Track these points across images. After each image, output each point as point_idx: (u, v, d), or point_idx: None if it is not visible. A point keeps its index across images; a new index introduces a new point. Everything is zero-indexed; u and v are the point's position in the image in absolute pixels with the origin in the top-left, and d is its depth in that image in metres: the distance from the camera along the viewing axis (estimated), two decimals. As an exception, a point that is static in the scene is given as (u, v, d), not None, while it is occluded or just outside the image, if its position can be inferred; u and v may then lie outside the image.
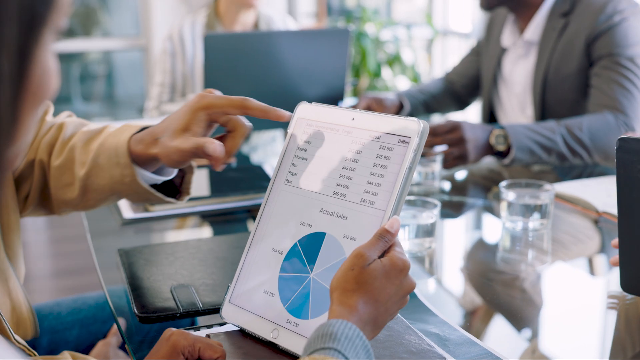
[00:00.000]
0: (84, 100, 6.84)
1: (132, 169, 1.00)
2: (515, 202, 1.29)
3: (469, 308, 1.07)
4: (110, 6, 6.65)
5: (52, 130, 1.10)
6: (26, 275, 1.09)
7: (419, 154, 0.83)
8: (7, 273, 1.01)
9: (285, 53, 1.98)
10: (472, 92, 2.31)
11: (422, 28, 4.99)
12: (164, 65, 2.65)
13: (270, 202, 0.92)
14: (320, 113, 0.92)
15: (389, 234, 0.79)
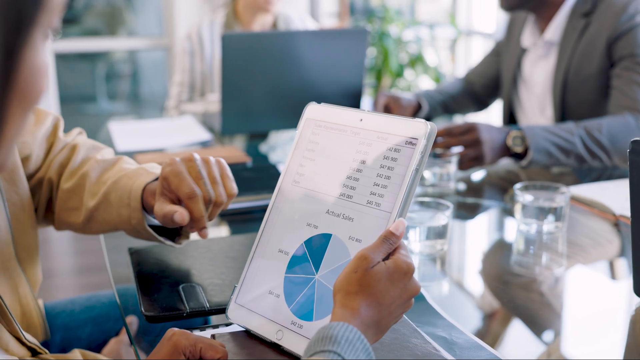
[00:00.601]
0: (109, 98, 6.90)
1: (141, 214, 1.05)
2: (529, 205, 1.27)
3: (481, 311, 1.06)
4: (135, 6, 6.70)
5: (65, 151, 1.14)
6: (49, 272, 1.11)
7: (426, 155, 0.82)
8: (17, 280, 1.03)
9: (303, 53, 1.98)
10: (492, 92, 2.29)
11: (445, 28, 4.96)
12: (183, 65, 2.67)
13: (278, 203, 0.91)
14: (328, 114, 0.92)
15: (393, 236, 0.78)
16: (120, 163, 1.13)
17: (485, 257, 1.28)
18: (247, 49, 1.93)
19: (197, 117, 2.37)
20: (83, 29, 6.70)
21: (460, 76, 2.36)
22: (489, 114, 2.96)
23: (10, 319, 0.92)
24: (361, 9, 5.60)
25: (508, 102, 2.16)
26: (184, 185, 0.99)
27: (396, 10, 4.89)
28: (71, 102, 6.62)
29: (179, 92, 2.68)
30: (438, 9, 5.61)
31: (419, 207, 1.24)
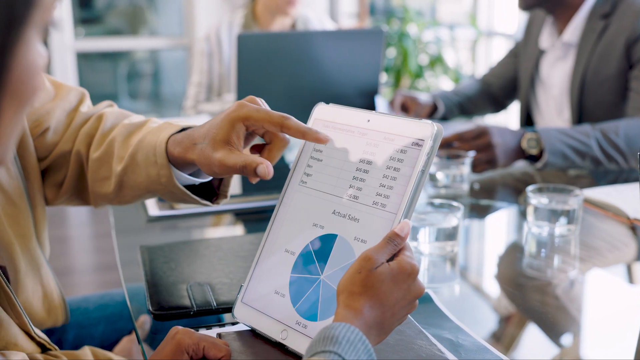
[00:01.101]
0: (130, 98, 6.95)
1: (169, 170, 0.96)
2: (541, 207, 1.27)
3: (491, 314, 1.05)
4: (157, 6, 6.75)
5: (91, 121, 1.08)
6: (68, 269, 1.12)
7: (433, 156, 0.82)
8: (38, 261, 1.03)
9: (319, 53, 1.98)
10: (509, 94, 2.27)
11: (465, 29, 4.94)
12: (201, 66, 2.68)
13: (285, 203, 0.91)
14: (337, 114, 0.92)
15: (398, 237, 0.78)
16: (147, 123, 1.05)
17: (496, 259, 1.27)
18: (262, 49, 1.93)
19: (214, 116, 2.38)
20: (105, 29, 6.75)
21: (478, 77, 2.35)
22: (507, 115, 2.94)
23: (19, 312, 0.93)
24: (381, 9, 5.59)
25: (525, 104, 2.15)
26: (273, 113, 0.90)
27: (416, 11, 4.87)
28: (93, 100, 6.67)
29: (197, 92, 2.70)
30: (459, 10, 5.58)
31: (429, 209, 1.23)
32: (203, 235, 1.38)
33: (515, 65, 2.24)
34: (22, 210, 0.98)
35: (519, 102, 2.21)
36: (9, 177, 0.96)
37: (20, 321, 0.94)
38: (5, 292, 0.91)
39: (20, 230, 0.98)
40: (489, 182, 1.69)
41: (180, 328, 0.81)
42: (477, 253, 1.29)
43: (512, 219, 1.47)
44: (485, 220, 1.45)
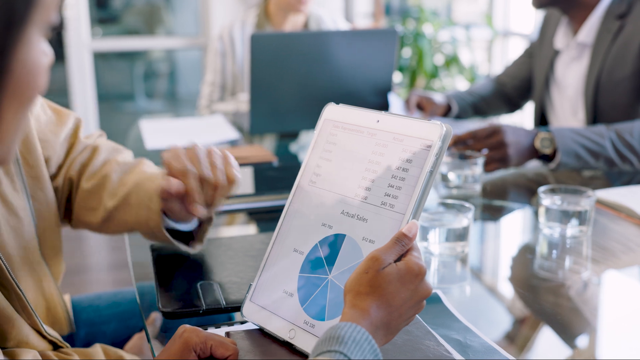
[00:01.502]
0: (147, 97, 6.99)
1: (159, 216, 1.06)
2: (552, 208, 1.26)
3: (500, 315, 1.05)
4: (174, 5, 6.77)
5: (86, 152, 1.16)
6: (84, 267, 1.13)
7: (441, 157, 0.82)
8: (40, 273, 1.05)
9: (332, 53, 1.98)
10: (524, 94, 2.26)
11: (481, 29, 4.92)
12: (215, 65, 2.69)
13: (294, 202, 0.92)
14: (346, 114, 0.92)
15: (406, 237, 0.78)
16: (141, 166, 1.15)
17: (508, 260, 1.27)
18: (275, 48, 1.94)
19: (227, 116, 2.39)
20: (123, 28, 6.79)
21: (492, 77, 2.34)
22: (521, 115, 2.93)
23: (30, 312, 0.94)
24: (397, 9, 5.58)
25: (540, 104, 2.14)
26: (177, 162, 1.02)
27: (432, 11, 4.86)
28: (110, 100, 6.72)
29: (211, 91, 2.71)
30: (475, 10, 5.56)
31: (440, 209, 1.23)
32: (214, 235, 1.39)
33: (529, 65, 2.23)
34: (24, 224, 1.00)
35: (533, 102, 2.20)
36: (13, 189, 0.98)
37: (31, 321, 0.96)
38: (17, 293, 0.92)
39: (21, 242, 0.99)
40: (501, 183, 1.68)
41: (188, 326, 0.81)
42: (489, 254, 1.29)
43: (524, 220, 1.47)
44: (497, 221, 1.44)
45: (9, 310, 0.91)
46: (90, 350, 1.07)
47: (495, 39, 4.88)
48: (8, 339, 0.93)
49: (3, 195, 0.97)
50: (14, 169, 0.98)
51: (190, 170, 1.01)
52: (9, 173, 0.97)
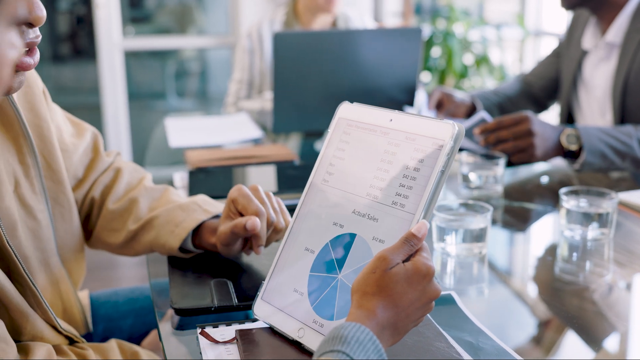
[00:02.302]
0: (178, 96, 7.04)
1: (179, 243, 1.09)
2: (573, 210, 1.24)
3: (517, 318, 1.03)
4: (206, 5, 6.81)
5: (110, 173, 1.20)
6: (113, 263, 1.15)
7: (453, 157, 0.81)
8: (58, 275, 1.06)
9: (356, 51, 1.98)
10: (551, 94, 2.23)
11: (512, 29, 4.87)
12: (243, 63, 2.70)
13: (307, 201, 0.92)
14: (360, 113, 0.91)
15: (415, 238, 0.78)
16: (168, 194, 1.19)
17: (527, 262, 1.25)
18: (299, 47, 1.93)
19: (252, 114, 2.39)
20: (155, 28, 6.85)
21: (519, 77, 2.32)
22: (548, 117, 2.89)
23: (45, 308, 0.95)
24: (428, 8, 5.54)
25: (567, 105, 2.10)
26: (252, 204, 1.04)
27: (463, 10, 4.82)
28: (141, 98, 6.78)
29: (238, 89, 2.72)
30: (507, 9, 5.51)
31: (458, 210, 1.22)
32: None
33: (557, 65, 2.19)
34: (42, 226, 1.01)
35: (560, 103, 2.17)
36: (33, 192, 0.99)
37: (46, 316, 0.97)
38: (31, 290, 0.93)
39: (39, 244, 1.01)
40: (524, 185, 1.66)
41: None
42: (509, 256, 1.27)
43: (547, 222, 1.44)
44: (519, 223, 1.42)
45: (23, 306, 0.92)
46: (105, 345, 1.08)
47: (527, 39, 4.82)
48: (23, 333, 0.94)
49: (22, 197, 0.98)
50: (33, 172, 0.99)
51: (263, 213, 1.04)
52: (28, 176, 0.99)
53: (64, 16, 7.39)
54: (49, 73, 7.28)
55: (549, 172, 1.74)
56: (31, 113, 1.02)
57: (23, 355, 0.91)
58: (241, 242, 1.07)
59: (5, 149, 0.95)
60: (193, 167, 1.65)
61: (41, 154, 1.03)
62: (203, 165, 1.65)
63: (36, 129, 1.02)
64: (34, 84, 1.04)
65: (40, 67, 4.94)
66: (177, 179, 1.59)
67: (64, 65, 7.45)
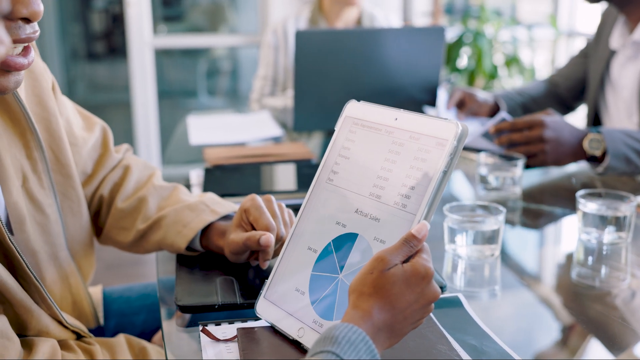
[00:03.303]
0: (209, 94, 7.08)
1: (186, 243, 1.09)
2: (590, 213, 1.21)
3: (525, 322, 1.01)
4: (237, 4, 6.85)
5: (118, 171, 1.20)
6: (139, 259, 1.16)
7: (456, 157, 0.79)
8: (67, 269, 1.07)
9: (378, 50, 1.97)
10: (577, 96, 2.19)
11: (544, 29, 4.81)
12: (267, 59, 2.70)
13: (312, 200, 0.91)
14: (366, 112, 0.91)
15: (415, 239, 0.76)
16: (177, 193, 1.19)
17: (542, 266, 1.23)
18: (320, 45, 1.93)
19: (274, 112, 2.39)
20: (187, 26, 6.90)
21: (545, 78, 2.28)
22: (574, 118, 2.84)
23: (50, 303, 0.96)
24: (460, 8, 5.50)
25: (594, 107, 2.06)
26: (264, 218, 1.03)
27: (494, 10, 4.77)
28: (173, 96, 6.84)
29: (262, 85, 2.72)
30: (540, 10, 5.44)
31: (470, 211, 1.20)
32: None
33: (584, 66, 2.15)
34: (51, 221, 1.02)
35: (586, 104, 2.13)
36: (41, 187, 1.00)
37: (51, 311, 0.97)
38: (35, 286, 0.93)
39: (48, 238, 1.01)
40: (544, 187, 1.64)
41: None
42: (523, 259, 1.25)
43: (564, 225, 1.41)
44: (536, 225, 1.40)
45: (27, 301, 0.93)
46: (113, 340, 1.09)
47: (559, 39, 4.75)
48: (28, 328, 0.95)
49: (30, 192, 0.99)
50: (41, 166, 1.00)
51: (274, 228, 1.03)
52: (36, 171, 0.99)
53: (99, 15, 7.48)
54: (84, 71, 7.38)
55: (575, 174, 1.71)
56: (39, 107, 1.03)
57: (27, 351, 0.92)
58: (249, 253, 1.06)
59: (13, 144, 0.96)
60: (211, 164, 1.65)
61: (49, 148, 1.03)
62: (220, 163, 1.65)
63: (44, 123, 1.03)
64: (41, 77, 1.04)
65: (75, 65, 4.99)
66: (193, 177, 1.59)
67: (98, 63, 7.55)
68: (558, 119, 1.63)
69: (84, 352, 1.02)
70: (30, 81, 1.02)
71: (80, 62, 7.41)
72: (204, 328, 0.89)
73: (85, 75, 7.43)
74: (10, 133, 0.96)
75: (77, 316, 1.11)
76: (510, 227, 1.35)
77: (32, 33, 0.80)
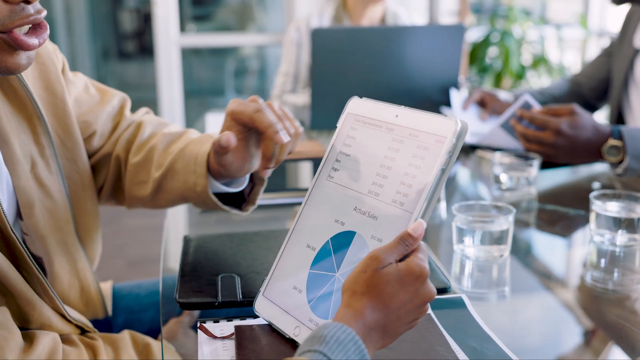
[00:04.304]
0: (236, 93, 7.11)
1: (206, 180, 1.05)
2: (603, 214, 1.19)
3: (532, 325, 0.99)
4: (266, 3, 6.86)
5: (131, 128, 1.18)
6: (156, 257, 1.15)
7: (455, 155, 0.78)
8: (75, 255, 1.07)
9: (395, 49, 1.95)
10: (601, 95, 2.15)
11: (574, 29, 4.74)
12: (290, 55, 2.69)
13: (312, 197, 0.90)
14: (368, 108, 0.89)
15: (410, 237, 0.75)
16: (186, 134, 1.15)
17: (552, 268, 1.20)
18: (337, 43, 1.92)
19: (295, 109, 2.39)
20: (216, 25, 6.94)
21: (567, 77, 2.24)
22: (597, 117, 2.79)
23: (52, 295, 0.96)
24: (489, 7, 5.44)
25: (617, 106, 2.02)
26: (249, 106, 0.97)
27: (523, 10, 4.71)
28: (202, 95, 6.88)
29: (283, 82, 2.71)
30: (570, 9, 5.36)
31: (481, 211, 1.18)
32: (259, 227, 1.38)
33: (608, 65, 2.11)
34: (59, 205, 1.02)
35: (610, 104, 2.09)
36: (49, 172, 1.00)
37: (53, 304, 0.97)
38: (38, 278, 0.94)
39: (57, 224, 1.02)
40: (561, 187, 1.61)
41: None
42: (535, 260, 1.23)
43: (579, 226, 1.38)
44: (551, 227, 1.37)
45: (29, 293, 0.93)
46: (117, 336, 1.08)
47: (589, 39, 4.68)
48: (30, 321, 0.95)
49: (38, 177, 0.99)
50: (48, 151, 1.00)
51: (275, 124, 0.96)
52: (44, 156, 1.00)
53: (130, 14, 7.56)
54: (114, 69, 7.46)
55: (596, 175, 1.68)
56: (47, 92, 1.03)
57: (28, 343, 0.92)
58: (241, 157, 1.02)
59: (21, 129, 0.97)
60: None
61: (56, 133, 1.04)
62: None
63: (51, 107, 1.03)
64: (49, 61, 1.04)
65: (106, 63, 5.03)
66: (206, 174, 1.59)
67: (129, 61, 7.63)
68: (577, 122, 1.59)
69: (87, 347, 1.02)
70: (37, 65, 1.03)
71: (111, 61, 7.49)
72: (201, 325, 0.89)
73: (115, 74, 7.51)
74: (18, 118, 0.96)
75: (85, 304, 1.11)
76: (524, 228, 1.33)
77: (37, 13, 0.81)
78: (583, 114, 1.59)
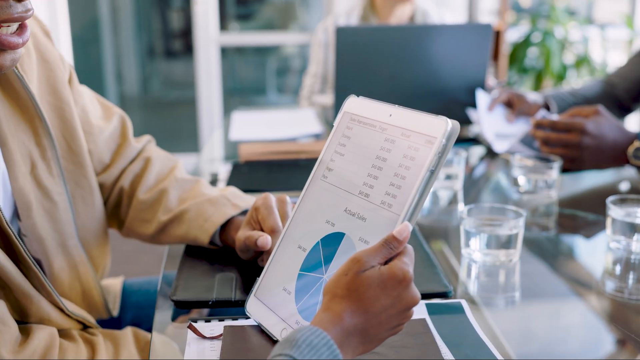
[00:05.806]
0: (277, 92, 7.12)
1: (209, 238, 1.09)
2: (618, 219, 1.14)
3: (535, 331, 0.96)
4: (309, 2, 6.87)
5: (139, 163, 1.20)
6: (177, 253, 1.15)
7: (444, 156, 0.76)
8: (77, 258, 1.07)
9: (420, 48, 1.92)
10: (636, 97, 2.08)
11: (619, 29, 4.62)
12: (318, 56, 2.68)
13: (306, 197, 0.88)
14: (363, 107, 0.88)
15: (395, 240, 0.73)
16: (198, 186, 1.18)
17: (565, 274, 1.16)
18: (362, 42, 1.90)
19: (322, 110, 2.37)
20: (259, 24, 6.97)
21: (601, 78, 2.18)
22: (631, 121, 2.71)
23: (49, 289, 0.96)
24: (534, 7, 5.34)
25: (652, 109, 1.96)
26: (271, 219, 1.00)
27: (567, 9, 4.61)
28: (243, 93, 6.91)
29: (312, 82, 2.70)
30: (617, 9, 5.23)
31: (490, 214, 1.15)
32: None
33: (644, 65, 2.05)
34: (60, 208, 1.02)
35: (644, 106, 2.02)
36: (49, 174, 1.01)
37: (51, 298, 0.98)
38: (34, 271, 0.94)
39: (56, 226, 1.02)
40: (584, 191, 1.56)
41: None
42: (547, 266, 1.19)
43: (596, 232, 1.34)
44: (568, 231, 1.32)
45: (26, 287, 0.93)
46: (119, 332, 1.09)
47: (635, 40, 4.56)
48: (29, 315, 0.96)
49: (38, 178, 1.00)
50: (50, 153, 1.01)
51: (279, 230, 1.00)
52: (45, 158, 1.00)
53: (177, 13, 7.64)
54: (160, 67, 7.54)
55: (620, 179, 1.62)
56: (53, 96, 1.04)
57: (25, 337, 0.93)
58: (254, 251, 1.04)
59: (21, 130, 0.97)
60: (243, 160, 1.65)
61: (62, 137, 1.05)
62: (253, 159, 1.64)
63: (58, 112, 1.04)
64: (56, 67, 1.05)
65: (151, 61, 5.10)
66: (221, 172, 1.59)
67: (175, 60, 7.70)
68: (603, 122, 1.54)
69: (86, 343, 1.02)
70: (45, 71, 1.04)
71: (157, 59, 7.58)
72: (190, 324, 0.88)
73: (160, 72, 7.59)
74: (18, 120, 0.97)
75: (87, 306, 1.12)
76: (541, 232, 1.29)
77: (24, 12, 0.81)
78: (608, 116, 1.54)
